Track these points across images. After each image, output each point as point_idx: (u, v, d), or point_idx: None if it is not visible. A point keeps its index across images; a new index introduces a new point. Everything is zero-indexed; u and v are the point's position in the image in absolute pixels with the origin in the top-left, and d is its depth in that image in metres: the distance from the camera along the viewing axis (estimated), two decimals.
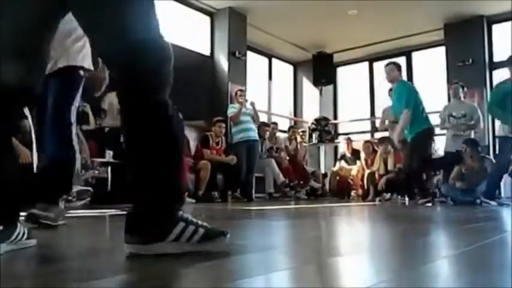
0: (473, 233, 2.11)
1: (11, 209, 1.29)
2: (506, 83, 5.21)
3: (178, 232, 1.18)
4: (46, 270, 1.04)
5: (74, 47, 2.19)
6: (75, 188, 4.26)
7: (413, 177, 5.46)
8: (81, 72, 2.25)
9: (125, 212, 1.22)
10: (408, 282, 0.94)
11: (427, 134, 5.46)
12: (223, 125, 6.42)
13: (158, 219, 1.18)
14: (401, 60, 9.51)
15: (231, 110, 6.63)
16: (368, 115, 9.83)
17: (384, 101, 9.02)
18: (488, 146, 7.57)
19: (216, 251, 1.23)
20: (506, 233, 2.26)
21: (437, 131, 6.08)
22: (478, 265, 1.18)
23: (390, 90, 6.13)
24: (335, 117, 10.20)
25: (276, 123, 8.10)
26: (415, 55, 9.41)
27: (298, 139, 8.36)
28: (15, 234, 1.26)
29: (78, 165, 4.57)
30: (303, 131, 8.84)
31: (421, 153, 5.33)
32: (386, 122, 6.75)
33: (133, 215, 1.20)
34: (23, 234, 1.30)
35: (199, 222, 1.25)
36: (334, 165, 8.52)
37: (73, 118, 2.19)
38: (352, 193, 7.73)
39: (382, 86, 9.40)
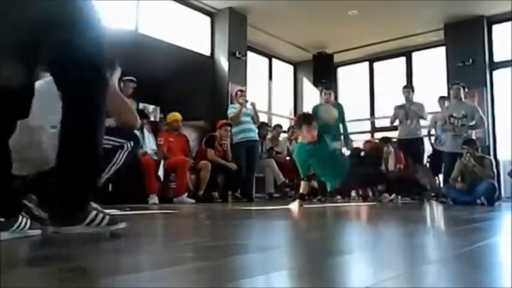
0: (473, 233, 2.11)
1: (11, 203, 1.50)
2: None
3: (91, 218, 1.55)
4: (47, 270, 1.04)
5: None
6: None
7: None
8: None
9: (124, 212, 1.24)
10: (408, 282, 0.94)
11: None
12: (229, 129, 6.41)
13: (77, 208, 1.54)
14: (401, 61, 9.55)
15: (231, 110, 6.63)
16: (368, 115, 9.82)
17: (383, 100, 9.04)
18: (489, 146, 7.57)
19: (117, 233, 1.63)
20: (506, 232, 2.26)
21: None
22: (478, 265, 1.18)
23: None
24: None
25: (280, 126, 8.09)
26: (415, 55, 9.42)
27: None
28: (17, 224, 1.48)
29: None
30: None
31: None
32: (397, 121, 6.76)
33: (58, 205, 1.52)
34: (25, 224, 1.50)
35: (105, 211, 1.64)
36: None
37: None
38: (353, 193, 7.73)
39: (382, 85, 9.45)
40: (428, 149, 7.15)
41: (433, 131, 6.95)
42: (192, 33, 7.76)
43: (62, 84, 1.50)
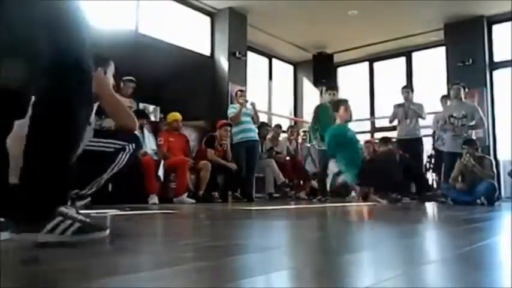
0: (473, 233, 2.11)
1: (11, 202, 1.46)
2: None
3: (53, 225, 1.39)
4: (47, 270, 1.04)
5: None
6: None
7: None
8: None
9: (124, 212, 1.24)
10: (408, 282, 0.94)
11: None
12: (229, 129, 6.41)
13: (35, 215, 1.39)
14: (401, 61, 9.55)
15: (231, 110, 6.62)
16: (368, 115, 9.82)
17: (383, 100, 9.03)
18: (489, 146, 7.57)
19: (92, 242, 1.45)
20: (506, 232, 2.26)
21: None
22: (478, 265, 1.18)
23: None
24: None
25: (280, 126, 8.10)
26: (415, 55, 9.42)
27: (299, 140, 8.36)
28: None
29: None
30: (304, 131, 8.84)
31: None
32: (396, 121, 6.76)
33: (18, 211, 1.40)
34: None
35: (80, 217, 1.47)
36: None
37: None
38: (353, 193, 7.72)
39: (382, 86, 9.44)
40: (428, 149, 7.15)
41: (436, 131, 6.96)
42: (192, 33, 7.76)
43: (37, 82, 1.43)
